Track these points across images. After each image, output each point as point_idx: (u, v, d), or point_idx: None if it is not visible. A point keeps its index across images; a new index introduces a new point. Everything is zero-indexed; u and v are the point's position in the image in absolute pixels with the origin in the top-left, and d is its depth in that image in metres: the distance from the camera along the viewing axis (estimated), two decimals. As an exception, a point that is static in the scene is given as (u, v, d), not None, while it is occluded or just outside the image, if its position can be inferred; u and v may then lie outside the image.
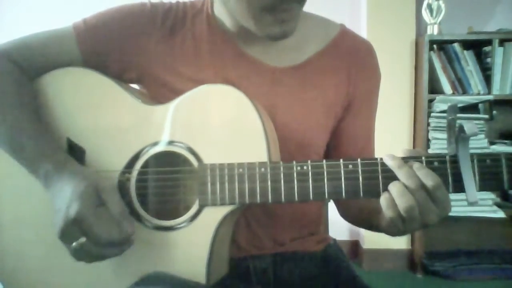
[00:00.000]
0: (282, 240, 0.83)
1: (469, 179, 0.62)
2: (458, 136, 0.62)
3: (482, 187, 0.63)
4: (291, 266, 0.83)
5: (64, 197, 0.65)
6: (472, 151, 0.63)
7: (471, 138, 0.61)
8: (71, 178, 0.67)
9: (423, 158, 0.64)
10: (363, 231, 2.45)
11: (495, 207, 2.17)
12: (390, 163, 0.63)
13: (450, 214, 0.64)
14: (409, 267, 2.40)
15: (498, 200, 2.23)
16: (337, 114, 0.83)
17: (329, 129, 0.83)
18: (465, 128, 0.60)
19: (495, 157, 0.63)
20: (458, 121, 0.62)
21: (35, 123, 0.74)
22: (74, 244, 0.64)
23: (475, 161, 0.63)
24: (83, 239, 0.64)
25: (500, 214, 2.16)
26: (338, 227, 0.92)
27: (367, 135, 0.87)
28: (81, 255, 0.66)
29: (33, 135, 0.73)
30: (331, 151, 0.86)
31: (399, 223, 0.63)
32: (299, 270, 0.83)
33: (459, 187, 0.63)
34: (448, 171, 0.63)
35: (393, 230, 0.66)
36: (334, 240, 0.92)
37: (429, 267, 2.30)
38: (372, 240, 2.41)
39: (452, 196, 0.63)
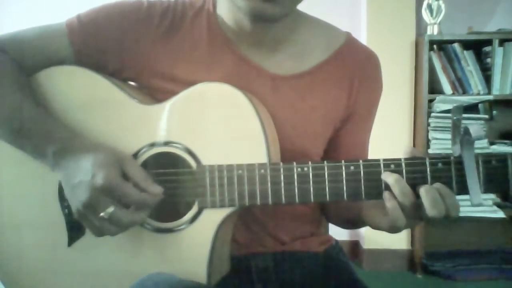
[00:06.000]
0: (283, 238, 0.82)
1: (474, 181, 0.61)
2: (463, 138, 0.60)
3: (487, 189, 0.62)
4: (293, 265, 0.82)
5: (85, 169, 0.65)
6: (473, 151, 0.61)
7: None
8: (87, 151, 0.67)
9: (427, 159, 0.62)
10: (363, 231, 2.44)
11: (495, 207, 2.17)
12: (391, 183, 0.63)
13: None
14: (409, 267, 2.40)
15: (498, 200, 2.23)
16: (336, 125, 0.82)
17: (326, 139, 0.82)
18: (471, 131, 0.59)
19: (501, 158, 0.61)
20: (463, 122, 0.61)
21: (36, 106, 0.73)
22: (102, 214, 0.63)
23: (480, 162, 0.61)
24: (111, 208, 0.63)
25: (500, 214, 2.16)
26: (338, 227, 0.92)
27: (363, 145, 0.87)
28: (106, 227, 0.65)
29: (35, 117, 0.72)
30: (325, 159, 0.85)
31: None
32: (300, 270, 0.82)
33: (463, 189, 0.62)
34: (452, 173, 0.62)
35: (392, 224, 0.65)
36: (336, 241, 0.91)
37: (429, 267, 2.30)
38: (372, 240, 2.41)
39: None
